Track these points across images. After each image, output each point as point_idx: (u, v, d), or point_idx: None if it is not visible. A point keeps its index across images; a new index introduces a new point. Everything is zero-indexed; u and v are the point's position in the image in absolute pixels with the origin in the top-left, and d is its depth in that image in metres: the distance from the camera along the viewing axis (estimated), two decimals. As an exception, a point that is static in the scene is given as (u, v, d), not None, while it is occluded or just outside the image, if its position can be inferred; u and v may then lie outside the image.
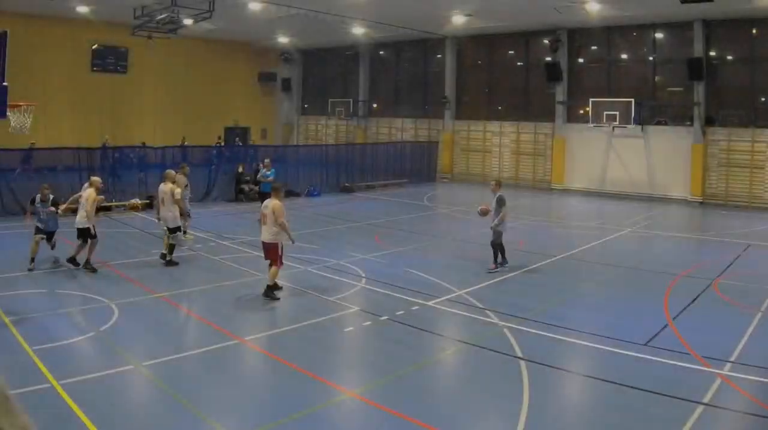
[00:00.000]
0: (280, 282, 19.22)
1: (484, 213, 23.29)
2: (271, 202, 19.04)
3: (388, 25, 48.93)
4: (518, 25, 48.80)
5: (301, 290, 19.63)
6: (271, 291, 18.57)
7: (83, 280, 20.58)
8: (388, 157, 52.65)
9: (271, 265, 18.84)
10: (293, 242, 19.26)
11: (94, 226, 22.01)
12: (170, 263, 22.97)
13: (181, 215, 24.00)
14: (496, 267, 22.47)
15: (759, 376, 13.34)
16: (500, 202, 22.66)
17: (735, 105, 43.98)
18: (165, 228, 23.38)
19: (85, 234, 21.78)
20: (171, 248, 23.20)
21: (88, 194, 22.04)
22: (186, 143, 50.73)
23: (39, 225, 22.15)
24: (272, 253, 18.73)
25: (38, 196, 22.31)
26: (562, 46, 48.91)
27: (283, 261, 19.21)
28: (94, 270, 21.30)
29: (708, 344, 15.17)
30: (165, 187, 23.79)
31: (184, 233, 27.33)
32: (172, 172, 24.98)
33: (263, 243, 18.94)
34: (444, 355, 15.04)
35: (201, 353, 14.13)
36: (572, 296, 20.34)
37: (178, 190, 23.49)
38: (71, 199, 23.47)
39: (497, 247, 22.68)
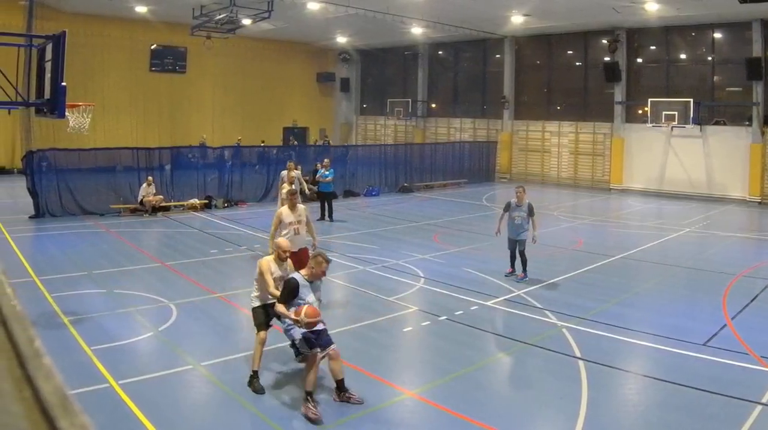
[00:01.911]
0: None
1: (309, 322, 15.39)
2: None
3: (446, 25, 48.97)
4: (577, 25, 48.65)
5: (359, 290, 19.74)
6: None
7: (142, 280, 20.82)
8: (446, 157, 52.71)
9: None
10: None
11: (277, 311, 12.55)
12: None
13: None
14: (525, 276, 21.52)
15: (819, 377, 13.28)
16: (531, 212, 21.60)
17: (794, 105, 43.48)
18: None
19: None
20: None
21: (260, 264, 13.48)
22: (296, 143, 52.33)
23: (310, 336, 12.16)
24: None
25: (297, 283, 12.31)
26: (621, 46, 48.65)
27: None
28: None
29: (767, 343, 15.14)
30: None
31: None
32: (291, 172, 25.35)
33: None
34: (503, 355, 15.09)
35: (259, 352, 14.29)
36: (631, 296, 20.25)
37: (286, 189, 23.54)
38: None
39: (524, 254, 21.62)
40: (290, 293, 12.17)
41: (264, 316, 13.04)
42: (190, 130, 57.16)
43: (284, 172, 28.26)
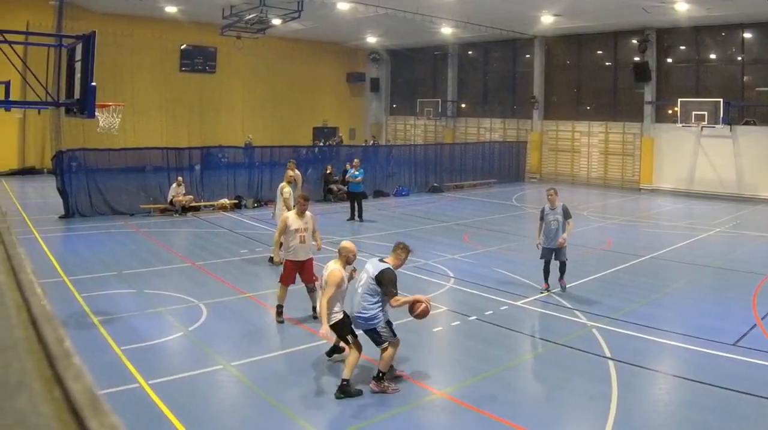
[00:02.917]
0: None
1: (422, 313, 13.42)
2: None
3: (476, 26, 48.94)
4: (607, 25, 48.51)
5: (390, 290, 19.77)
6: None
7: (172, 279, 20.92)
8: (476, 157, 52.72)
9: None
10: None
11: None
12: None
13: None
14: (565, 282, 20.14)
15: None
16: (567, 214, 20.08)
17: (824, 104, 43.31)
18: None
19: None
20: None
21: (330, 275, 12.95)
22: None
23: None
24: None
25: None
26: (651, 46, 48.50)
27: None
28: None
29: (797, 344, 15.06)
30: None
31: None
32: (290, 171, 25.09)
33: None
34: (532, 355, 15.19)
35: (290, 352, 14.33)
36: (660, 295, 20.22)
37: (286, 189, 23.28)
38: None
39: (564, 264, 20.18)
40: (396, 284, 12.62)
41: (350, 325, 12.98)
42: (220, 131, 57.19)
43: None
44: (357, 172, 33.04)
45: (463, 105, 66.03)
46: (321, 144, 58.08)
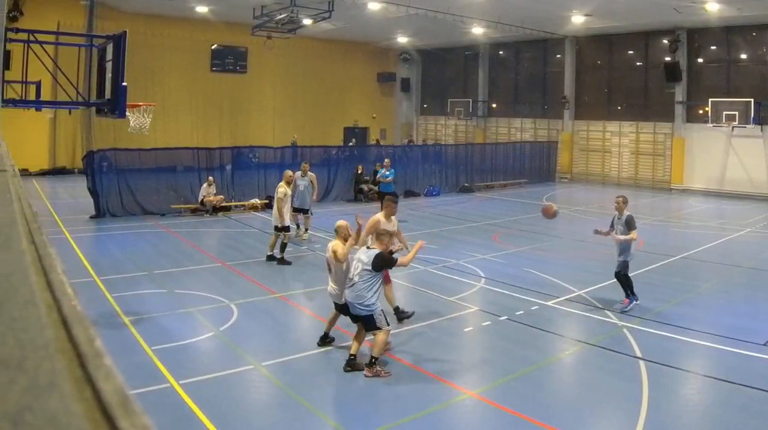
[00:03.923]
0: None
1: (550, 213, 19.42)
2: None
3: (507, 25, 48.84)
4: (637, 25, 48.25)
5: (420, 291, 19.73)
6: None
7: (202, 279, 20.93)
8: (507, 157, 52.53)
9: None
10: None
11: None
12: (282, 262, 22.83)
13: (280, 215, 22.93)
14: (630, 302, 18.24)
15: None
16: (630, 225, 19.20)
17: None
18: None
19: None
20: (282, 246, 23.05)
21: (336, 252, 14.28)
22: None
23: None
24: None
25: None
26: (682, 46, 48.25)
27: None
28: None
29: (829, 345, 14.96)
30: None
31: (305, 230, 27.60)
32: (289, 172, 24.93)
33: None
34: (563, 355, 15.10)
35: (320, 352, 14.31)
36: (691, 295, 20.13)
37: (281, 190, 23.23)
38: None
39: (625, 278, 18.66)
40: (391, 259, 13.93)
41: None
42: (250, 131, 57.23)
43: (298, 173, 27.43)
44: (388, 173, 33.03)
45: (494, 105, 65.85)
46: (378, 142, 58.89)
